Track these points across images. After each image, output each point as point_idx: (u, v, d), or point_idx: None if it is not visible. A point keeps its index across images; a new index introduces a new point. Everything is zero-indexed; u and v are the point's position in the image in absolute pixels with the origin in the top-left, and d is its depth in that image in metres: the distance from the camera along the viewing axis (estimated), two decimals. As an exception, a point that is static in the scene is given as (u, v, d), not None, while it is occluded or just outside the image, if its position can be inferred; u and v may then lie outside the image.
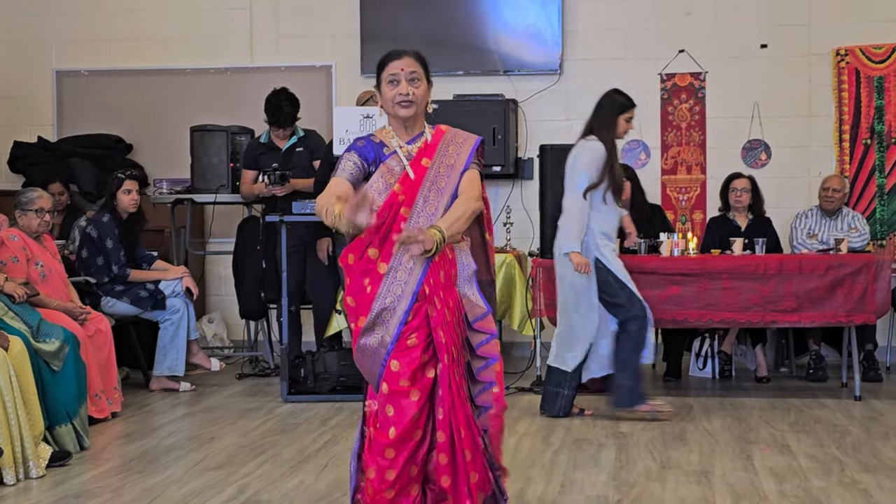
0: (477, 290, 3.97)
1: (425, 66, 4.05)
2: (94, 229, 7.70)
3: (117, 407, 6.88)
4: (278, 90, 8.25)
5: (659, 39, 9.34)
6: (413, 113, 3.99)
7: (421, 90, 3.99)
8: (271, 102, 8.20)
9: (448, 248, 3.90)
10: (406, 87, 3.97)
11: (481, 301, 3.95)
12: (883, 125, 9.04)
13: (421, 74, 4.01)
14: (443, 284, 3.88)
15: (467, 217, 3.87)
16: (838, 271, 7.22)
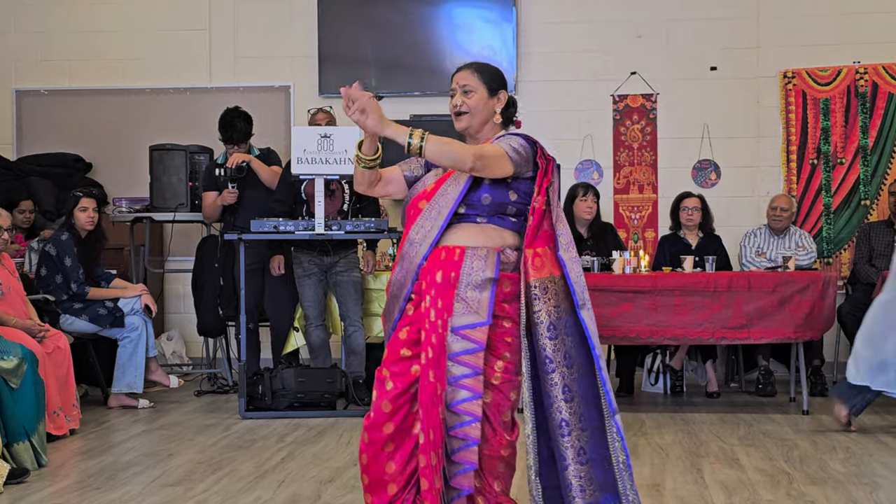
0: (490, 300, 3.75)
1: (488, 75, 3.98)
2: (54, 247, 7.72)
3: (76, 424, 6.88)
4: (231, 108, 8.30)
5: (611, 62, 9.48)
6: (466, 125, 3.96)
7: (474, 100, 3.94)
8: (225, 120, 8.25)
9: (458, 249, 3.82)
10: (457, 99, 3.95)
11: (485, 312, 3.75)
12: (829, 146, 9.22)
13: (476, 85, 3.94)
14: (437, 283, 3.81)
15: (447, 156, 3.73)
16: (786, 289, 7.36)
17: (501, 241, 3.87)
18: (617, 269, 7.67)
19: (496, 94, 3.97)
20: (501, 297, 3.81)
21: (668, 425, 7.06)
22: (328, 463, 5.94)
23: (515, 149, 3.82)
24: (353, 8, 9.55)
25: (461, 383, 3.74)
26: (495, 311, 3.79)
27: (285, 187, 7.82)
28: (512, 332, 3.83)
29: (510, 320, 3.83)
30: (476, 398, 3.75)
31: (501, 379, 3.82)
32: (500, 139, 3.88)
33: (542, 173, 3.88)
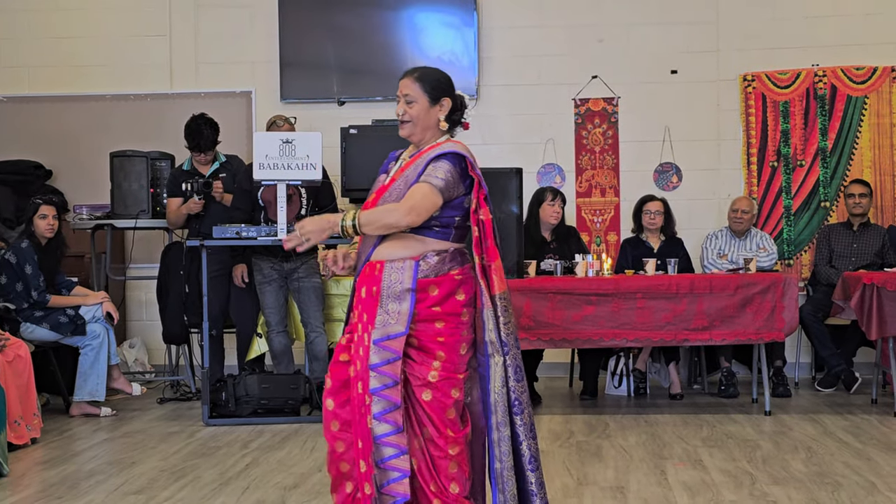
0: (409, 310, 3.86)
1: (429, 83, 4.05)
2: (13, 255, 7.66)
3: (37, 433, 6.83)
4: (197, 115, 8.26)
5: (573, 66, 9.52)
6: (408, 132, 4.03)
7: (416, 109, 4.00)
8: (191, 128, 8.21)
9: (378, 264, 3.92)
10: (399, 108, 4.04)
11: (403, 322, 3.86)
12: (789, 148, 9.29)
13: (417, 94, 4.01)
14: (362, 299, 3.93)
15: (381, 225, 3.85)
16: (747, 290, 7.41)
17: (423, 248, 3.95)
18: (580, 272, 7.70)
19: (438, 102, 4.03)
20: (430, 302, 3.90)
21: (632, 427, 7.09)
22: (292, 469, 5.93)
23: (443, 178, 3.89)
24: (315, 13, 9.54)
25: (382, 393, 3.84)
26: (425, 315, 3.89)
27: (242, 195, 7.80)
28: (447, 331, 3.92)
29: (442, 321, 3.91)
30: (395, 408, 3.85)
31: (439, 377, 3.89)
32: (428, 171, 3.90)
33: (477, 185, 3.96)
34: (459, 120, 4.09)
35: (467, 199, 3.96)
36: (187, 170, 8.38)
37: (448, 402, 3.90)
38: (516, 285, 7.43)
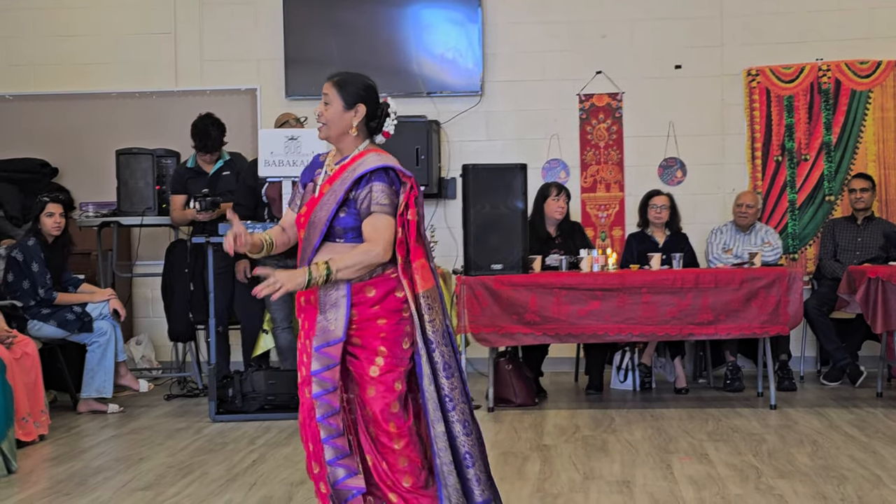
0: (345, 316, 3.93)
1: (346, 88, 4.07)
2: (20, 253, 7.69)
3: (45, 430, 6.86)
4: (204, 115, 8.29)
5: (577, 61, 9.52)
6: (325, 135, 4.08)
7: (330, 112, 4.04)
8: (198, 128, 8.24)
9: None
10: (319, 108, 4.08)
11: (340, 329, 3.94)
12: (793, 142, 9.29)
13: (332, 97, 4.05)
14: (303, 307, 4.07)
15: (363, 267, 3.92)
16: (752, 284, 7.42)
17: None
18: (585, 267, 7.71)
19: (353, 108, 4.04)
20: (369, 303, 3.97)
21: (638, 422, 7.10)
22: (299, 465, 5.94)
23: (389, 202, 3.96)
24: (319, 10, 9.55)
25: (323, 398, 3.94)
26: (365, 315, 3.96)
27: (246, 191, 7.81)
28: (388, 327, 3.99)
29: (384, 318, 3.99)
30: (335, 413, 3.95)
31: (380, 371, 3.97)
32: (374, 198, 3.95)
33: (407, 189, 4.01)
34: (378, 128, 4.12)
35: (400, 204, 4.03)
36: (191, 167, 8.41)
37: (391, 396, 3.97)
38: (522, 280, 7.45)
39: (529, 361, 8.12)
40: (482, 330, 7.43)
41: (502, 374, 7.82)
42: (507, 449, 6.33)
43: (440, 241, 9.13)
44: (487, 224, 7.58)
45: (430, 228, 9.12)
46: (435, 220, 9.39)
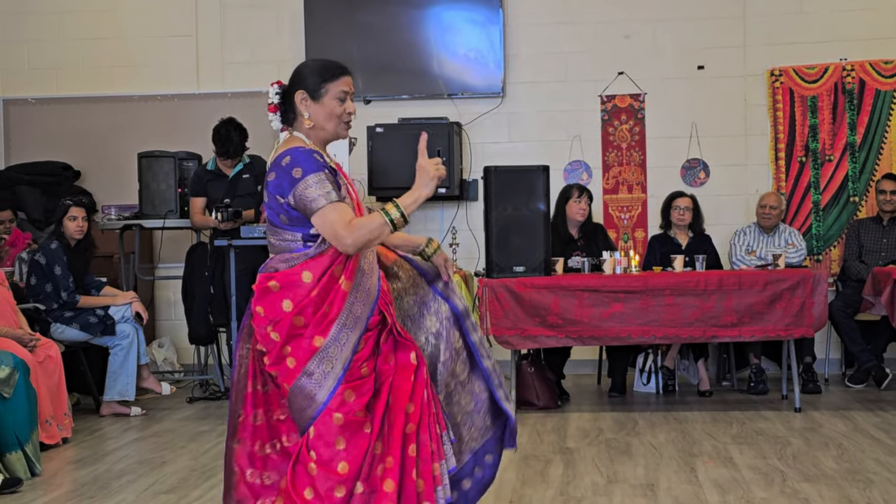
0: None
1: None
2: (43, 256, 7.71)
3: (68, 433, 6.88)
4: (226, 120, 8.29)
5: (599, 62, 9.49)
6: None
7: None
8: (220, 133, 8.24)
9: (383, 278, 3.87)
10: (351, 105, 3.85)
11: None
12: (817, 143, 9.24)
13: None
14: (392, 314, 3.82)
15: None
16: (776, 286, 7.39)
17: None
18: (607, 269, 7.69)
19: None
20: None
21: (661, 425, 7.07)
22: (322, 468, 5.93)
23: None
24: (340, 12, 9.55)
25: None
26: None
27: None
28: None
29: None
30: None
31: None
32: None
33: None
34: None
35: None
36: (211, 170, 8.42)
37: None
38: (544, 283, 7.43)
39: (552, 364, 8.09)
40: (504, 332, 7.41)
41: (524, 376, 7.80)
42: (530, 452, 6.31)
43: (462, 243, 9.13)
44: (509, 226, 7.56)
45: (451, 230, 9.10)
46: (457, 223, 9.38)
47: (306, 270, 3.65)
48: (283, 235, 3.72)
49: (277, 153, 3.72)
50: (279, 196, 3.65)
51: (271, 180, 3.67)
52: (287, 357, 3.64)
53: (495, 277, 7.50)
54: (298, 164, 3.62)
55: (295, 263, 3.67)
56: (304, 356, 3.63)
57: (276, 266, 3.69)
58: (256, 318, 3.68)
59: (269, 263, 3.72)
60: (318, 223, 3.62)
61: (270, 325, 3.64)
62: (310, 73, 3.82)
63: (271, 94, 3.82)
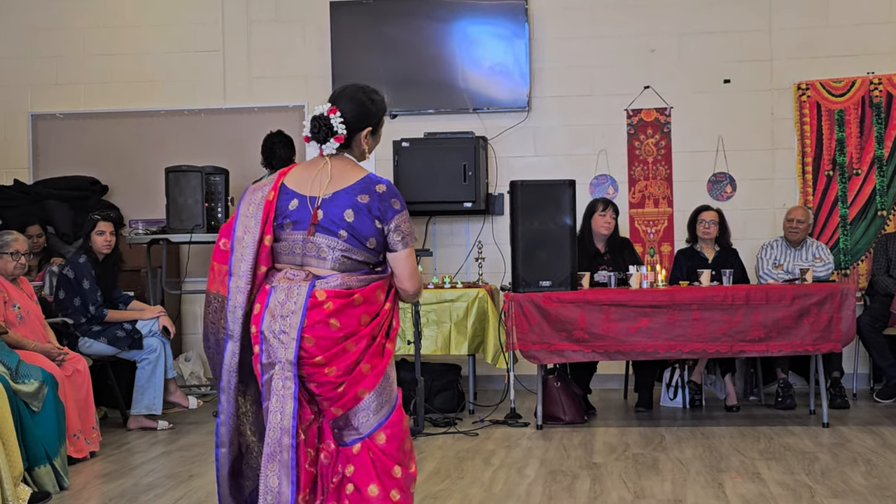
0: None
1: None
2: (71, 270, 7.75)
3: (96, 446, 6.89)
4: (274, 133, 8.49)
5: (624, 76, 9.49)
6: None
7: None
8: (266, 146, 8.46)
9: None
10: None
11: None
12: (844, 157, 9.21)
13: None
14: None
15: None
16: (804, 301, 7.35)
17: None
18: (634, 283, 7.67)
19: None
20: None
21: (688, 440, 7.05)
22: (348, 482, 5.93)
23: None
24: (366, 26, 9.59)
25: None
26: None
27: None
28: None
29: None
30: None
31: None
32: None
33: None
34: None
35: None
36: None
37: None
38: (571, 297, 7.42)
39: (578, 378, 8.07)
40: (531, 347, 7.41)
41: (551, 391, 7.79)
42: (557, 467, 6.30)
43: (488, 257, 9.12)
44: (536, 240, 7.56)
45: (477, 245, 9.10)
46: (483, 237, 9.38)
47: (379, 290, 3.89)
48: (366, 256, 3.89)
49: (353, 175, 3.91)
50: (378, 221, 3.86)
51: (366, 202, 3.85)
52: (362, 364, 3.84)
53: (521, 292, 7.50)
54: (396, 197, 3.89)
55: (370, 282, 3.88)
56: (384, 362, 3.89)
57: (350, 284, 3.84)
58: (328, 331, 3.81)
59: (344, 281, 3.84)
60: (402, 257, 3.91)
61: (345, 338, 3.81)
62: (375, 112, 4.05)
63: (336, 124, 3.92)
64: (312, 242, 3.85)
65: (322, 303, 3.79)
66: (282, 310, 3.80)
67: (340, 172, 3.90)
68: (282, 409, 3.80)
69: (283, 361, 3.79)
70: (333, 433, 3.91)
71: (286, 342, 3.79)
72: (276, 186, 3.92)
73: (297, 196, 3.89)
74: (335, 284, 3.81)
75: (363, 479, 3.83)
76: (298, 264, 3.89)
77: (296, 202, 3.88)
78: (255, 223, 3.89)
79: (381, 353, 3.89)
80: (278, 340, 3.79)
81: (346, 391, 3.82)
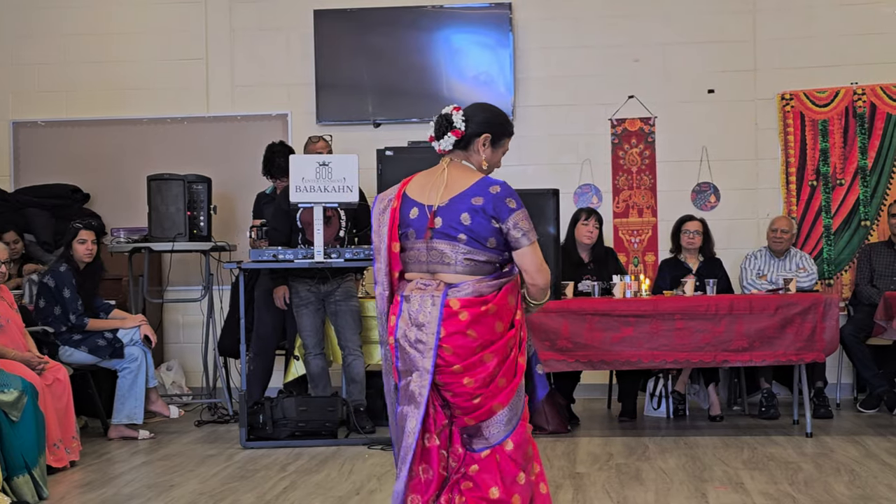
0: None
1: None
2: (52, 279, 7.71)
3: (76, 456, 6.85)
4: (275, 143, 8.48)
5: (609, 86, 9.49)
6: None
7: None
8: (265, 156, 8.45)
9: None
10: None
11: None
12: (828, 167, 9.22)
13: None
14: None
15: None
16: (788, 311, 7.35)
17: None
18: (618, 293, 7.66)
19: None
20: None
21: (672, 450, 7.03)
22: (331, 492, 5.91)
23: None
24: (350, 35, 9.57)
25: None
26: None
27: (281, 216, 7.81)
28: None
29: None
30: None
31: None
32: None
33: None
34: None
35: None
36: (269, 194, 8.55)
37: None
38: (554, 307, 7.40)
39: (562, 388, 8.06)
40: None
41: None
42: (540, 477, 6.26)
43: (471, 266, 9.08)
44: (519, 250, 7.52)
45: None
46: (466, 246, 9.33)
47: (510, 295, 3.95)
48: (488, 256, 3.94)
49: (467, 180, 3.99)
50: (495, 220, 3.90)
51: (481, 204, 3.91)
52: (498, 378, 3.90)
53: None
54: (511, 196, 3.94)
55: (502, 286, 3.93)
56: (518, 378, 3.96)
57: (481, 290, 3.90)
58: (465, 340, 3.87)
59: (476, 288, 3.90)
60: (526, 252, 3.95)
61: (482, 347, 3.88)
62: (498, 123, 4.12)
63: (457, 119, 4.06)
64: (436, 249, 3.95)
65: (457, 313, 3.86)
66: (416, 319, 3.89)
67: (456, 179, 3.99)
68: (416, 414, 3.88)
69: (420, 370, 3.88)
70: (462, 438, 3.99)
71: (423, 351, 3.88)
72: (399, 195, 4.04)
73: (416, 204, 4.00)
74: (467, 293, 3.88)
75: (486, 480, 3.91)
76: (426, 271, 3.98)
77: (416, 210, 3.99)
78: (385, 230, 4.01)
79: (515, 369, 3.95)
80: (415, 349, 3.89)
81: (482, 404, 3.89)
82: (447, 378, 3.88)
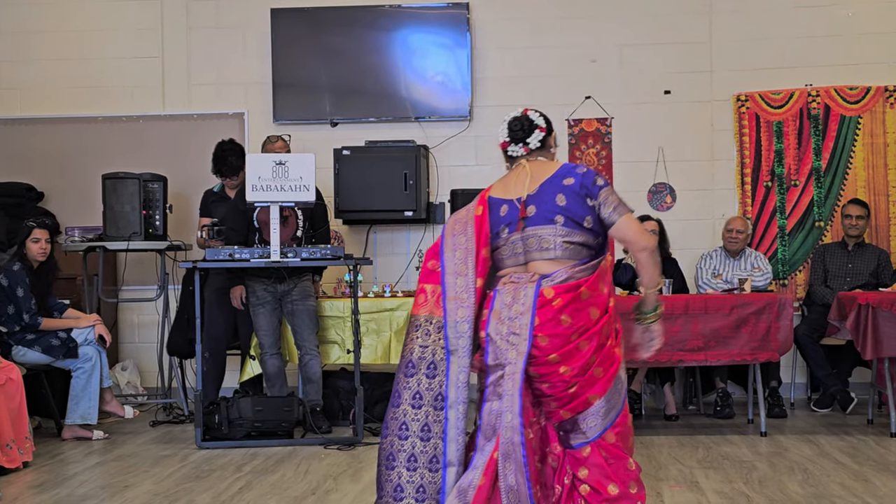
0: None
1: None
2: (5, 278, 7.63)
3: (29, 457, 6.79)
4: (226, 141, 8.41)
5: (566, 86, 9.51)
6: None
7: None
8: (217, 154, 8.37)
9: None
10: None
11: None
12: (783, 168, 9.29)
13: None
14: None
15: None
16: (742, 310, 7.39)
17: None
18: (574, 293, 7.66)
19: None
20: None
21: (628, 449, 7.04)
22: (287, 492, 5.89)
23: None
24: (307, 34, 9.54)
25: None
26: None
27: (237, 216, 7.77)
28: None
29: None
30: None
31: None
32: None
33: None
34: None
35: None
36: (217, 192, 8.49)
37: None
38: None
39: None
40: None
41: (491, 400, 7.75)
42: (497, 476, 6.26)
43: (429, 266, 9.08)
44: (476, 249, 7.53)
45: (418, 254, 9.08)
46: (423, 246, 9.34)
47: (601, 282, 3.99)
48: (585, 237, 4.01)
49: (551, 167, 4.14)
50: (589, 198, 4.00)
51: (571, 184, 4.01)
52: (594, 367, 3.93)
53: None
54: (597, 175, 4.06)
55: (594, 270, 3.98)
56: (615, 367, 4.00)
57: (575, 275, 3.93)
58: (560, 327, 3.88)
59: (570, 275, 3.94)
60: (622, 224, 4.02)
61: (577, 334, 3.89)
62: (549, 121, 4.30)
63: (538, 119, 4.24)
64: (533, 236, 4.00)
65: (550, 300, 3.89)
66: (509, 312, 3.93)
67: (539, 170, 4.12)
68: (511, 408, 3.88)
69: (513, 362, 3.90)
70: (559, 436, 4.00)
71: (516, 343, 3.89)
72: (482, 201, 4.13)
73: (504, 202, 4.09)
74: (560, 280, 3.92)
75: (600, 480, 3.92)
76: (523, 263, 4.03)
77: (505, 207, 4.08)
78: (468, 239, 4.04)
79: (612, 358, 3.97)
80: (507, 342, 3.91)
81: (578, 393, 3.90)
82: (543, 368, 3.90)
